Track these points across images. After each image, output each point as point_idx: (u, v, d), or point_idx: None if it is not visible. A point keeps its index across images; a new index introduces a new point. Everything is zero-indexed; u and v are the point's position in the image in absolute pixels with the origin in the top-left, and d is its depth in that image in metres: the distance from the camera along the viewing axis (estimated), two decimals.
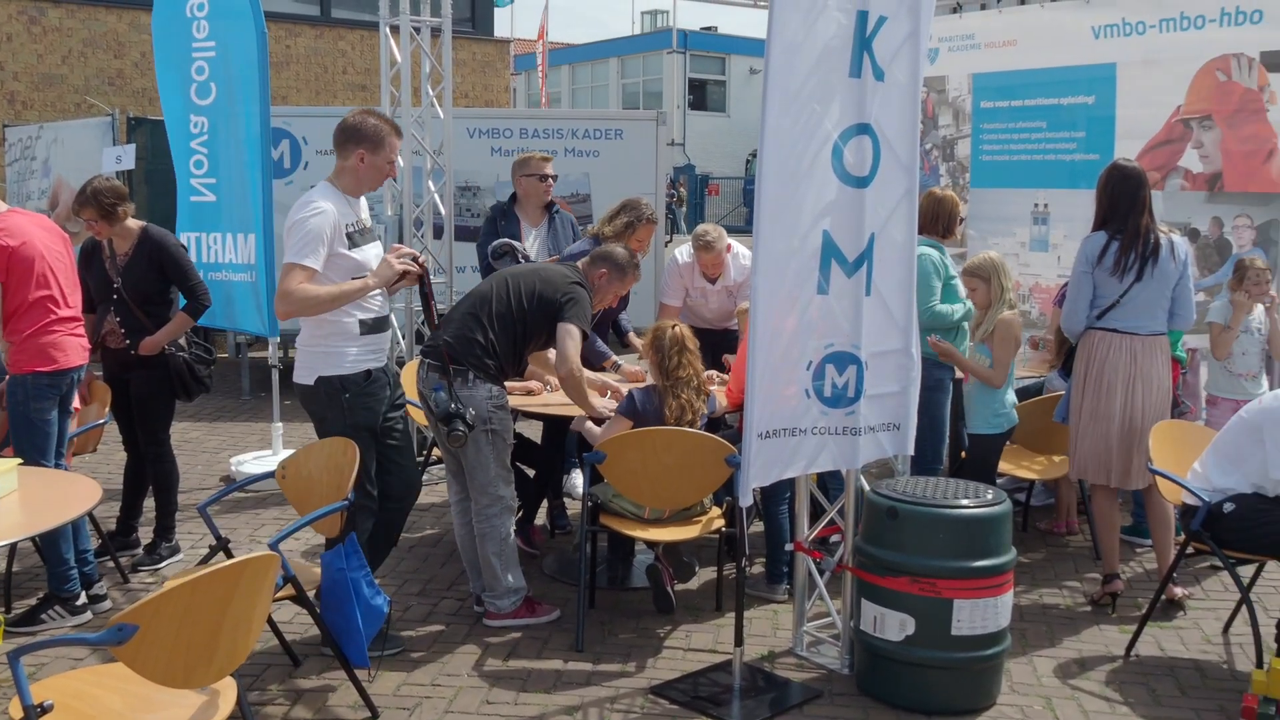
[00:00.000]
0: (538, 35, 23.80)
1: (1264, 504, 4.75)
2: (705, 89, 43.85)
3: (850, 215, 4.55)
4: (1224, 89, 7.17)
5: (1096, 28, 7.84)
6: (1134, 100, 7.62)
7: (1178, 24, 7.42)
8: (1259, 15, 7.00)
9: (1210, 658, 5.12)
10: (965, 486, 4.66)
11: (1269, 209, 7.00)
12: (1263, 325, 6.48)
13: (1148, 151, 7.50)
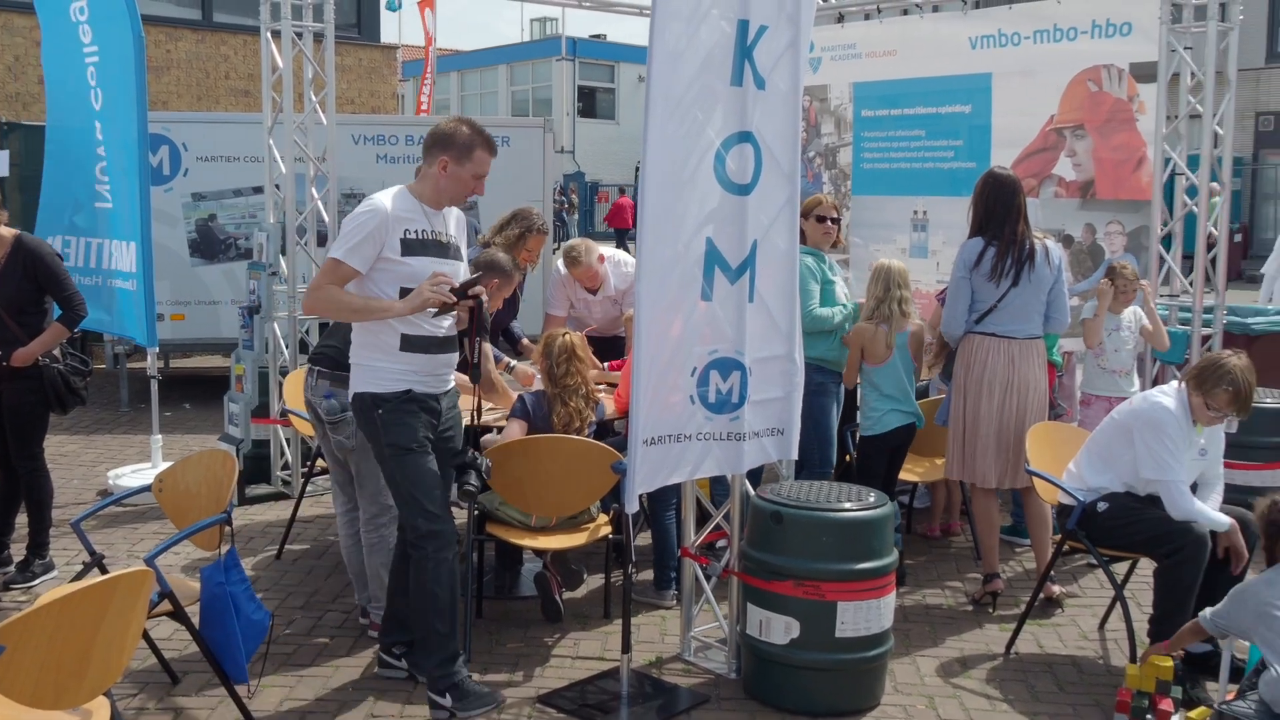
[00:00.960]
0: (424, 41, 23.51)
1: (1135, 502, 4.90)
2: (595, 96, 43.92)
3: (733, 222, 4.58)
4: (1095, 99, 7.38)
5: (974, 38, 8.01)
6: (1010, 109, 7.79)
7: (1051, 35, 7.61)
8: (1128, 28, 7.22)
9: (1087, 653, 5.25)
10: (848, 490, 4.72)
11: (1139, 215, 7.22)
12: (1134, 324, 6.68)
13: (1023, 159, 7.68)
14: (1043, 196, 7.62)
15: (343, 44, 18.06)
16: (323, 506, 7.21)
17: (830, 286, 6.13)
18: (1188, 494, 4.76)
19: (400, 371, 4.48)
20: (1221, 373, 4.73)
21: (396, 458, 4.48)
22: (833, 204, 6.34)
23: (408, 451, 4.48)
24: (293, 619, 5.48)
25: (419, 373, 4.52)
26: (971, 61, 8.01)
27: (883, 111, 8.64)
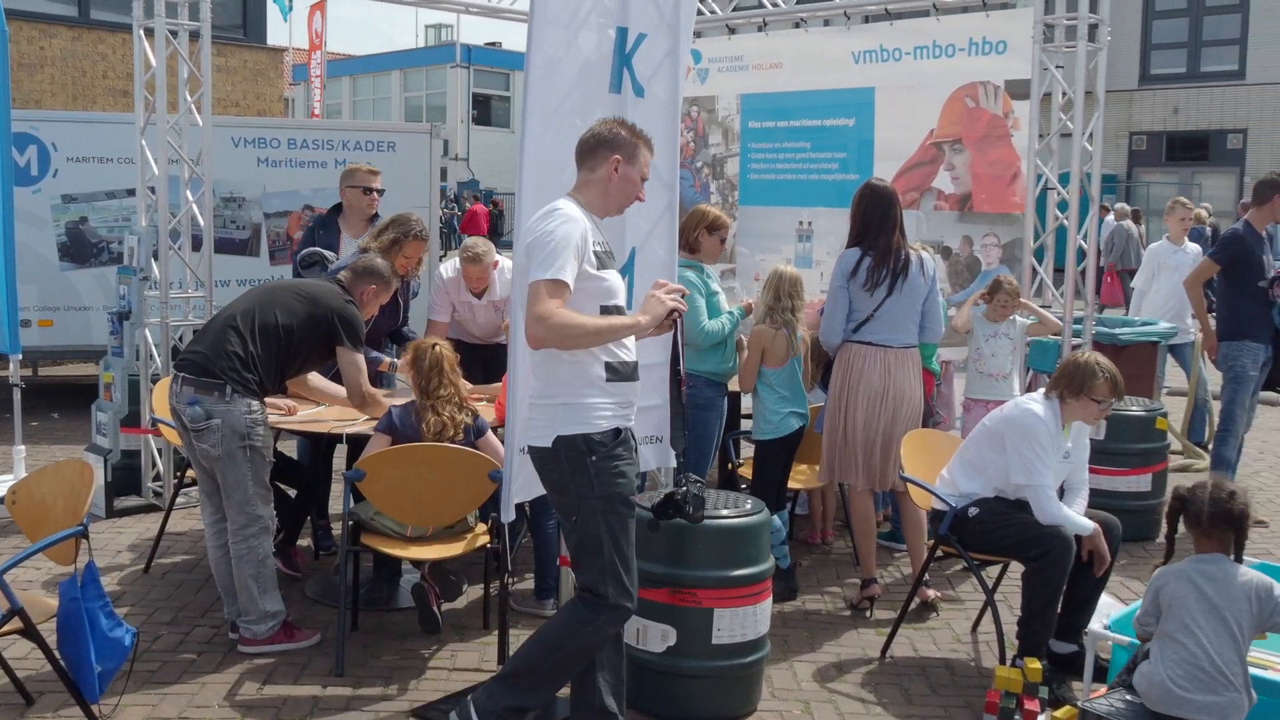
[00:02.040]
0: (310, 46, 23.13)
1: (1005, 507, 5.00)
2: (490, 104, 43.76)
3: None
4: (973, 114, 7.54)
5: (857, 53, 8.14)
6: (892, 123, 7.93)
7: (931, 52, 7.76)
8: (1004, 46, 7.40)
9: (959, 656, 5.34)
10: (725, 497, 4.73)
11: (1013, 228, 7.39)
12: (1013, 332, 6.84)
13: (904, 172, 7.82)
14: (924, 209, 7.76)
15: (227, 45, 17.70)
16: (196, 519, 7.01)
17: (715, 299, 6.15)
18: (1055, 499, 4.87)
19: (611, 406, 3.94)
20: (1088, 368, 4.89)
21: (610, 513, 3.92)
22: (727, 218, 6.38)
23: (626, 506, 3.98)
24: (159, 635, 5.32)
25: (625, 405, 4.01)
26: (855, 76, 8.14)
27: (769, 123, 8.73)
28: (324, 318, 5.17)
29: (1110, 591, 5.31)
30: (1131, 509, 6.68)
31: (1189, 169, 28.45)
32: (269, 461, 5.12)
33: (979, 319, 6.89)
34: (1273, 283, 7.13)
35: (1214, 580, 3.97)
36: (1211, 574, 3.98)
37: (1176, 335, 8.89)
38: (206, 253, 7.51)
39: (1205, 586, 3.95)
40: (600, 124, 4.10)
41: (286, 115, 23.28)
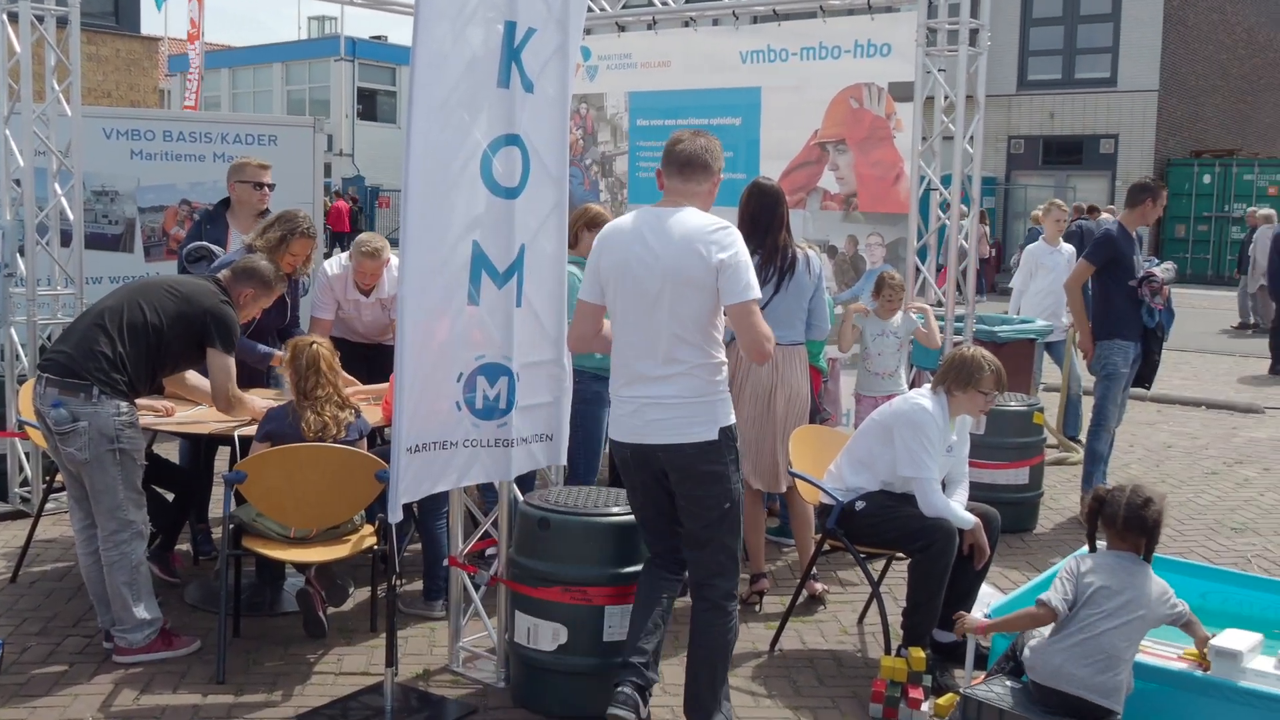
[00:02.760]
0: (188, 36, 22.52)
1: (891, 500, 5.08)
2: (375, 99, 43.13)
3: (500, 226, 4.53)
4: (856, 116, 7.66)
5: (744, 53, 8.20)
6: (777, 123, 8.01)
7: (817, 53, 7.86)
8: (888, 49, 7.52)
9: (846, 648, 5.42)
10: (616, 495, 4.73)
11: (897, 228, 7.52)
12: (900, 330, 6.97)
13: (790, 172, 7.90)
14: (810, 208, 7.85)
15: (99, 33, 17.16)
16: (66, 525, 6.76)
17: None
18: (939, 492, 4.97)
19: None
20: (973, 362, 5.02)
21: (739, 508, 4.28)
22: (609, 216, 6.36)
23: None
24: (28, 646, 5.12)
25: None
26: (742, 76, 8.20)
27: (657, 121, 8.75)
28: (196, 317, 5.03)
29: (990, 581, 5.43)
30: (1010, 501, 6.86)
31: (1064, 172, 29.32)
32: (140, 465, 4.96)
33: (869, 318, 7.01)
34: (1142, 282, 7.36)
35: (1131, 576, 4.14)
36: (1130, 570, 4.15)
37: (1053, 333, 9.15)
38: (76, 248, 7.26)
39: (1123, 580, 4.12)
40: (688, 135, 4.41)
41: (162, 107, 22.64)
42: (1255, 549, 7.11)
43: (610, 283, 4.29)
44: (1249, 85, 33.11)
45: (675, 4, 8.83)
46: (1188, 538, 7.31)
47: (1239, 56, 32.25)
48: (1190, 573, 5.69)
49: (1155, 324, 7.54)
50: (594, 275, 4.35)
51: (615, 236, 4.36)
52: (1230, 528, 7.54)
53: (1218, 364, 15.09)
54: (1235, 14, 31.65)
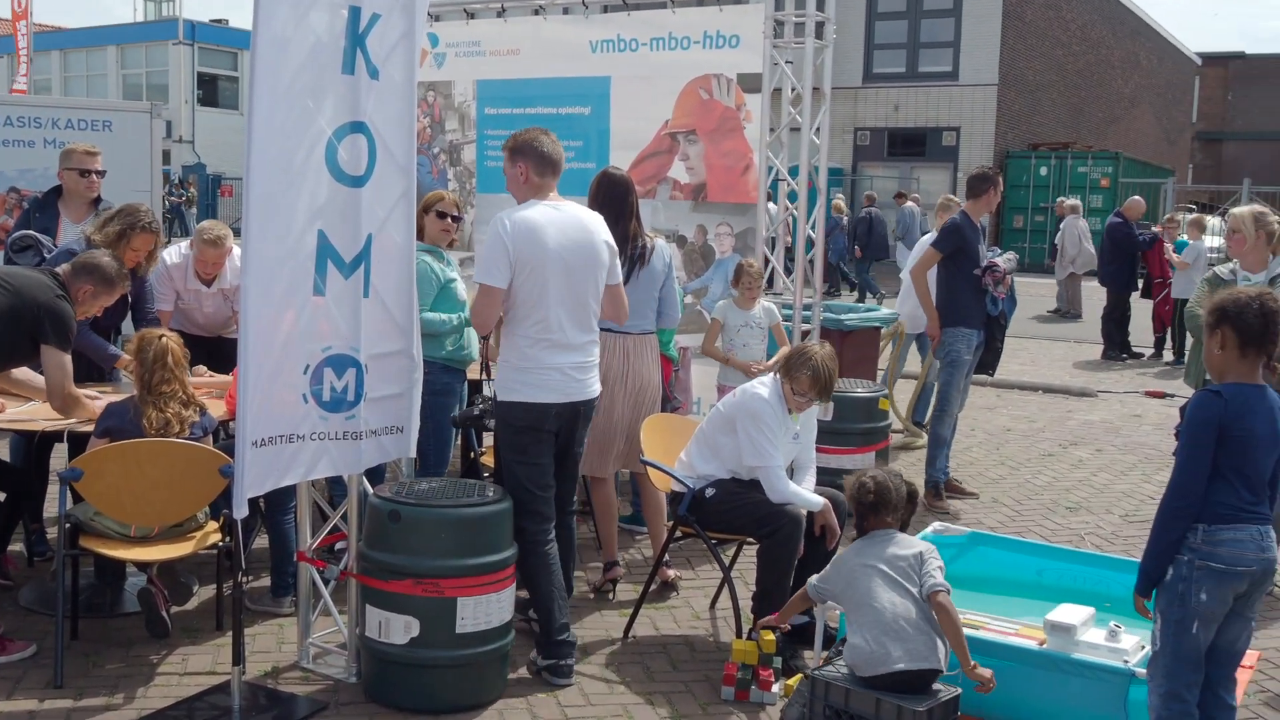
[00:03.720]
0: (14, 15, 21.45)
1: (739, 487, 5.17)
2: (217, 84, 41.88)
3: (346, 215, 4.46)
4: (706, 106, 7.74)
5: (594, 42, 8.20)
6: (627, 113, 8.03)
7: (667, 44, 7.91)
8: (736, 40, 7.62)
9: (699, 632, 5.49)
10: (467, 486, 4.71)
11: (746, 218, 7.63)
12: (762, 319, 7.07)
13: (640, 162, 7.94)
14: (660, 198, 7.91)
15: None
16: None
17: (451, 286, 6.07)
18: (784, 478, 5.08)
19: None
20: (804, 359, 5.10)
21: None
22: (454, 200, 6.32)
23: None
24: None
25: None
26: (592, 65, 8.20)
27: (506, 110, 8.70)
28: (29, 312, 4.83)
29: None
30: None
31: (908, 164, 30.14)
32: None
33: (730, 309, 7.06)
34: (985, 271, 7.62)
35: (885, 550, 4.31)
36: (887, 545, 4.33)
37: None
38: None
39: (885, 558, 4.28)
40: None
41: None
42: (1088, 527, 7.44)
43: (534, 269, 4.75)
44: (1083, 80, 34.54)
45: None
46: (1025, 518, 7.60)
47: (1074, 53, 33.62)
48: (1027, 551, 5.92)
49: (998, 312, 7.82)
50: (507, 263, 4.72)
51: (533, 229, 4.79)
52: (1065, 507, 7.86)
53: (1054, 350, 15.71)
54: (1070, 12, 32.96)
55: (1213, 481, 3.67)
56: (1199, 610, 3.69)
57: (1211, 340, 3.78)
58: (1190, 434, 3.72)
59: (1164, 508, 3.75)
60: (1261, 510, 3.71)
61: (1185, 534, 3.70)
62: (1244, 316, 3.70)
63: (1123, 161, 29.67)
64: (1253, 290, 3.82)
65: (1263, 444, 3.69)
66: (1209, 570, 3.67)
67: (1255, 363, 3.73)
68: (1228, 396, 3.69)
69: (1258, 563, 3.68)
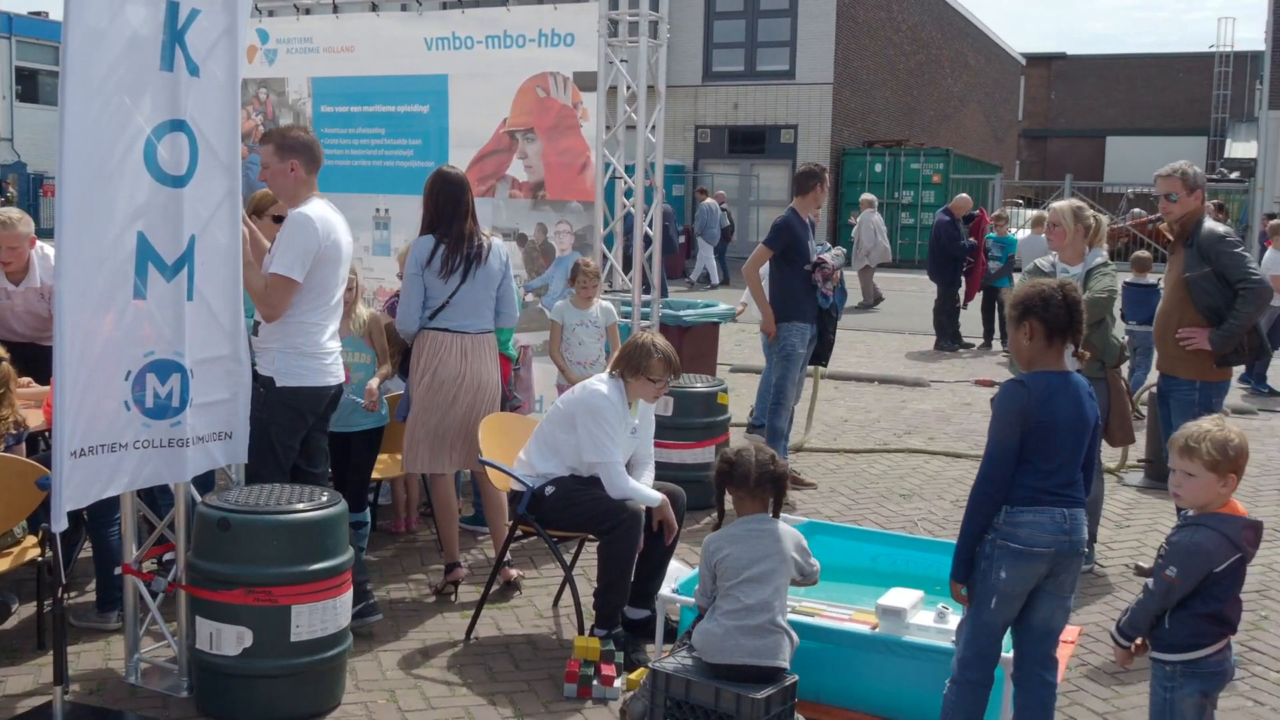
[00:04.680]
0: None
1: (579, 484, 5.19)
2: (37, 79, 40.04)
3: (167, 216, 4.34)
4: (544, 104, 7.74)
5: (429, 39, 8.12)
6: (465, 111, 7.98)
7: (502, 41, 7.88)
8: (571, 38, 7.63)
9: (542, 631, 5.50)
10: (299, 491, 4.62)
11: (585, 216, 7.66)
12: (599, 318, 7.09)
13: (479, 160, 7.90)
14: (499, 196, 7.88)
15: None
16: None
17: None
18: (624, 474, 5.12)
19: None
20: (644, 349, 5.16)
21: None
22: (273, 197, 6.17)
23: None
24: None
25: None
26: (428, 62, 8.12)
27: (342, 108, 8.55)
28: None
29: (679, 557, 5.62)
30: (697, 479, 7.09)
31: (748, 161, 30.62)
32: None
33: (568, 308, 7.09)
34: (815, 267, 7.79)
35: (760, 537, 4.36)
36: (758, 532, 4.37)
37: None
38: None
39: (753, 544, 4.33)
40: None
41: None
42: (921, 513, 7.67)
43: (332, 263, 5.07)
44: (914, 80, 35.61)
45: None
46: (862, 506, 7.80)
47: (905, 53, 34.63)
48: (862, 538, 6.09)
49: (830, 305, 8.01)
50: (309, 255, 4.92)
51: (332, 225, 5.12)
52: (899, 494, 8.10)
53: (889, 341, 16.17)
54: (901, 13, 33.94)
55: (1018, 466, 3.81)
56: (997, 587, 3.84)
57: (1019, 332, 3.93)
58: (996, 423, 3.86)
59: (973, 494, 3.89)
60: (1069, 494, 3.85)
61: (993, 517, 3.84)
62: (1049, 308, 3.85)
63: (953, 158, 30.69)
64: (1054, 281, 3.96)
65: (1066, 430, 3.84)
66: (1008, 550, 3.81)
67: (1061, 351, 3.90)
68: (1031, 385, 3.84)
69: (1056, 544, 3.80)
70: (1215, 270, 5.91)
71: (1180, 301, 6.05)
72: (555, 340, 7.08)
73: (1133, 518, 7.54)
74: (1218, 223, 6.21)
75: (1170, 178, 6.08)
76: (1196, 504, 3.62)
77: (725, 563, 4.32)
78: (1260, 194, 26.33)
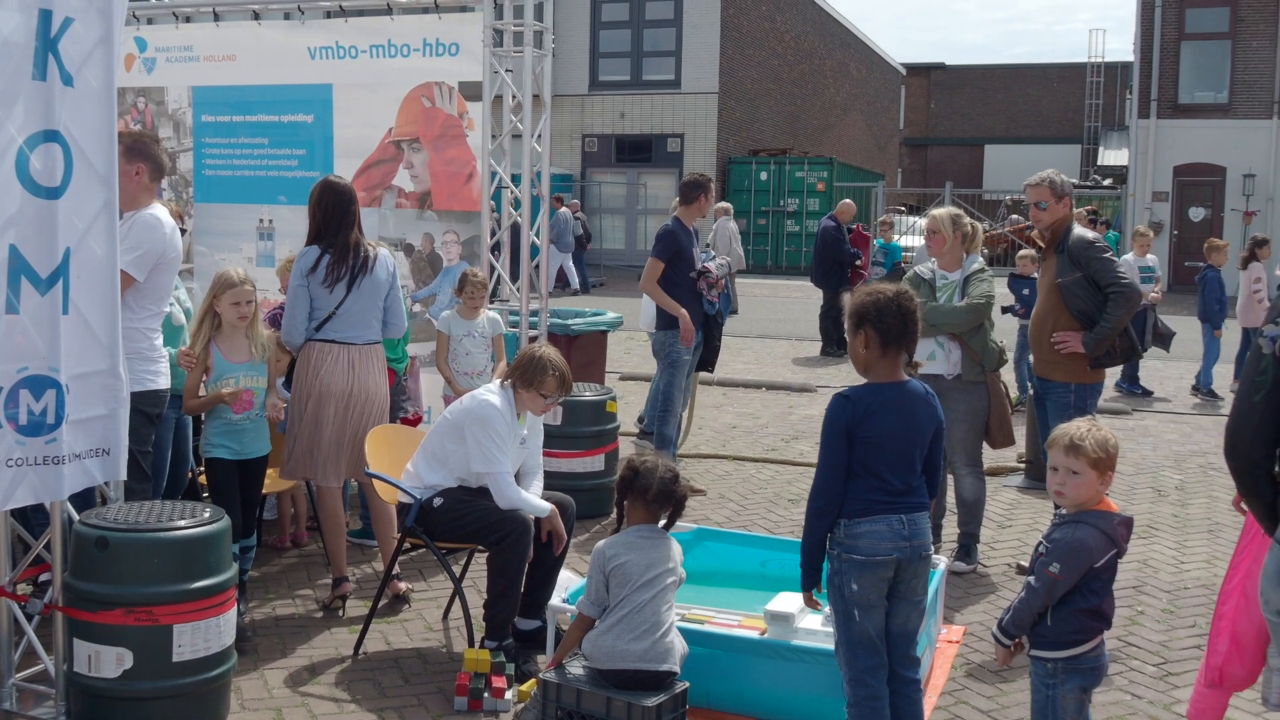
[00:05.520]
0: None
1: (467, 495, 5.18)
2: None
3: (41, 228, 4.23)
4: (429, 114, 7.71)
5: (313, 49, 8.04)
6: (351, 120, 7.92)
7: (387, 51, 7.83)
8: (456, 48, 7.62)
9: (431, 644, 5.47)
10: (180, 508, 4.54)
11: (471, 225, 7.64)
12: (486, 329, 7.07)
13: (365, 170, 7.84)
14: (385, 206, 7.83)
15: None
16: None
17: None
18: (513, 484, 5.12)
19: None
20: (541, 363, 5.15)
21: None
22: (177, 211, 6.08)
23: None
24: None
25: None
26: (312, 71, 8.04)
27: (224, 118, 8.42)
28: None
29: (569, 567, 5.65)
30: (587, 488, 7.16)
31: (635, 170, 30.78)
32: None
33: (454, 319, 7.05)
34: (700, 275, 7.88)
35: (655, 546, 4.43)
36: (653, 541, 4.45)
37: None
38: None
39: (648, 551, 4.40)
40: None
41: None
42: None
43: (170, 269, 5.30)
44: (798, 89, 36.14)
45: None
46: (751, 511, 7.90)
47: (789, 62, 35.13)
48: (751, 543, 6.17)
49: (715, 312, 8.11)
50: (152, 258, 5.11)
51: (173, 229, 5.26)
52: (788, 499, 8.21)
53: (776, 348, 16.40)
54: (784, 23, 34.44)
55: (852, 479, 3.85)
56: (855, 599, 3.87)
57: (855, 340, 3.96)
58: (824, 438, 3.90)
59: (808, 508, 3.93)
60: (906, 500, 3.88)
61: (832, 530, 3.88)
62: (884, 318, 3.88)
63: (837, 166, 31.23)
64: (890, 289, 3.98)
65: (897, 440, 3.87)
66: (853, 562, 3.84)
67: (896, 360, 3.94)
68: (856, 400, 3.89)
69: (897, 550, 3.84)
70: (1086, 275, 6.12)
71: (1054, 306, 6.25)
72: (442, 351, 7.05)
73: (1014, 518, 7.76)
74: (1087, 229, 6.44)
75: (1039, 186, 6.28)
76: (1079, 501, 3.73)
77: (621, 570, 4.36)
78: (1132, 200, 27.26)
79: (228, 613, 4.46)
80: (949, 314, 6.31)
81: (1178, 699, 5.00)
